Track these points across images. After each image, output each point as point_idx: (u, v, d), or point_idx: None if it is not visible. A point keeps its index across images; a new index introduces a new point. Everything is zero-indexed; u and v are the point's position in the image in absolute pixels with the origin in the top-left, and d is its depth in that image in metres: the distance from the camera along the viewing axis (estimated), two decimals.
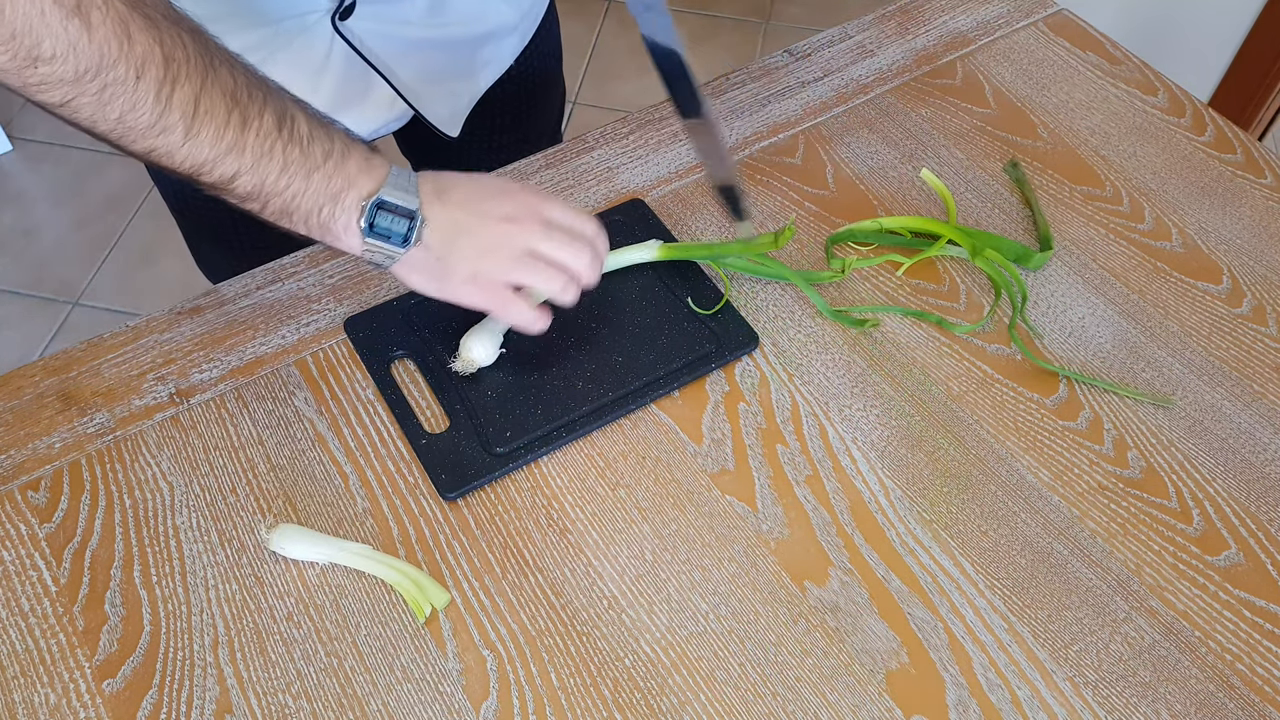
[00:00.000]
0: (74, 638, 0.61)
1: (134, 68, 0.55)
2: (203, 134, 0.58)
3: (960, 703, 0.59)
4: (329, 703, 0.59)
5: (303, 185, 0.62)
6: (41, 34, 0.52)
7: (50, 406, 0.71)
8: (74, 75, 0.54)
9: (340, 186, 0.63)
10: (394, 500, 0.67)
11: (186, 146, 0.58)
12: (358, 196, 0.64)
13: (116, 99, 0.55)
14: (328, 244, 0.65)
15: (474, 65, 0.88)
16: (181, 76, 0.57)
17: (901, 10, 0.99)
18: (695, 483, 0.68)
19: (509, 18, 0.87)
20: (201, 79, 0.57)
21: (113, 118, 0.56)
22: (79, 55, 0.53)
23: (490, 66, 0.90)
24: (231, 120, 0.59)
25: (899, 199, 0.84)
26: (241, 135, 0.59)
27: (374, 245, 0.64)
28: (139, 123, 0.57)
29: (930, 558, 0.64)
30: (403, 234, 0.64)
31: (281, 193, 0.62)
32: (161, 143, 0.58)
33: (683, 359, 0.72)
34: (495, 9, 0.86)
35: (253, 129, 0.60)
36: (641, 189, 0.84)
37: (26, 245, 1.99)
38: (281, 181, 0.61)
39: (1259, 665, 0.61)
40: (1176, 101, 0.91)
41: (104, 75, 0.54)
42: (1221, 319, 0.76)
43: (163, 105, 0.56)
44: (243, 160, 0.60)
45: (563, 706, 0.59)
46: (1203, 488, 0.68)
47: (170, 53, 0.56)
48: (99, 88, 0.55)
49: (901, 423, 0.71)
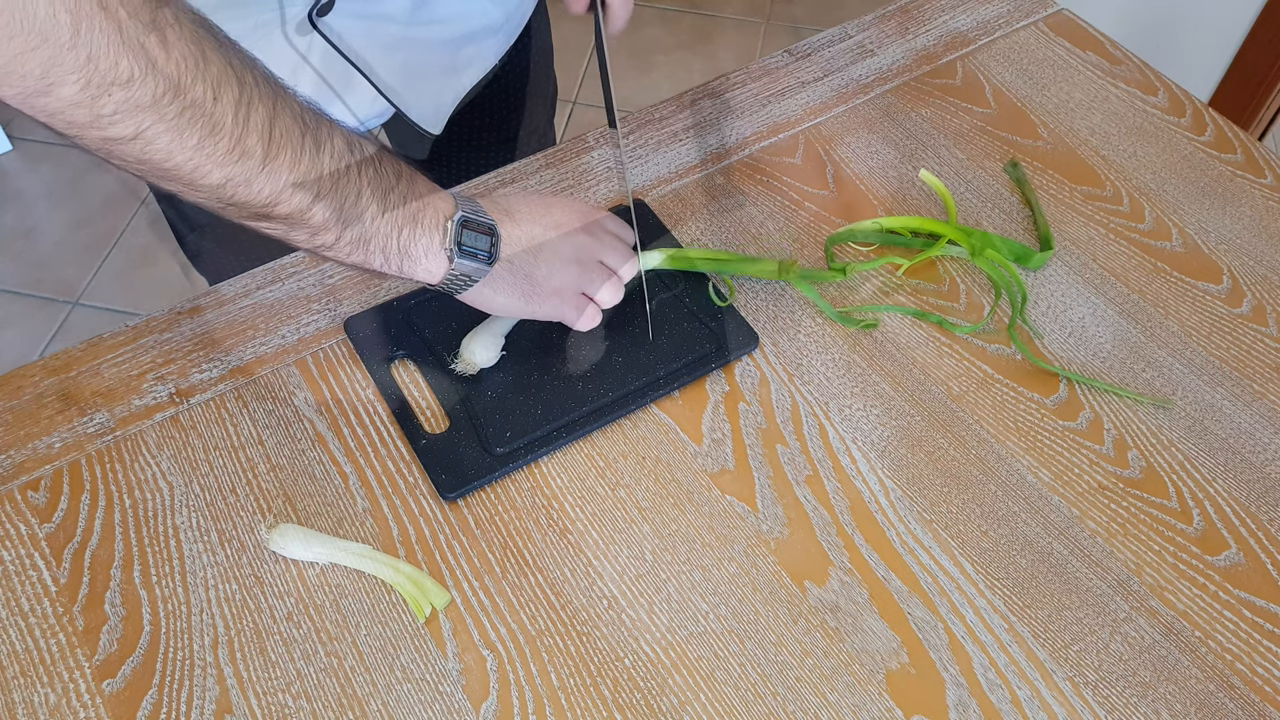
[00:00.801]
0: (74, 638, 0.61)
1: (211, 87, 0.52)
2: (281, 157, 0.56)
3: (960, 703, 0.59)
4: (329, 702, 0.59)
5: (380, 207, 0.60)
6: (119, 53, 0.49)
7: (50, 406, 0.71)
8: (152, 98, 0.51)
9: (417, 208, 0.62)
10: (394, 500, 0.67)
11: (265, 172, 0.56)
12: (436, 215, 0.62)
13: (195, 122, 0.52)
14: (404, 274, 0.63)
15: (456, 64, 0.87)
16: (255, 99, 0.54)
17: (902, 10, 0.99)
18: (695, 483, 0.68)
19: (494, 18, 0.86)
20: (273, 101, 0.55)
21: (191, 145, 0.53)
22: (157, 74, 0.50)
23: (474, 66, 0.89)
24: (306, 143, 0.57)
25: (899, 199, 0.84)
26: (317, 157, 0.57)
27: (463, 265, 0.63)
28: (218, 149, 0.54)
29: (930, 558, 0.64)
30: (487, 251, 0.64)
31: (360, 217, 0.60)
32: (239, 170, 0.55)
33: (683, 359, 0.72)
34: (481, 9, 0.85)
35: (326, 151, 0.57)
36: (641, 189, 0.84)
37: (26, 245, 1.99)
38: (360, 205, 0.59)
39: (1259, 665, 0.61)
40: (1176, 101, 0.91)
41: (183, 96, 0.51)
42: (1222, 319, 0.76)
43: (241, 127, 0.54)
44: (321, 184, 0.57)
45: (562, 706, 0.59)
46: (1203, 488, 0.68)
47: (242, 74, 0.54)
48: (177, 110, 0.52)
49: (901, 423, 0.71)
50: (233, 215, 0.58)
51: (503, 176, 0.85)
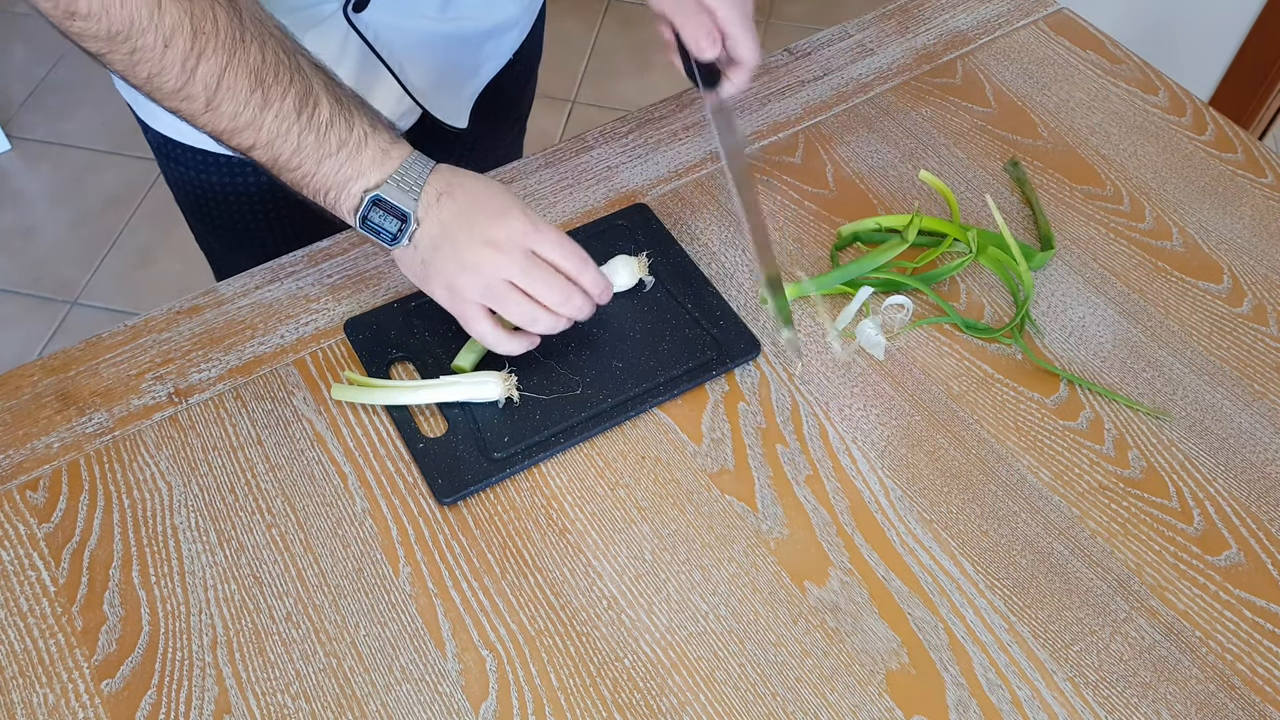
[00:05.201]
0: (73, 638, 0.61)
1: (161, 37, 0.58)
2: (222, 108, 0.62)
3: (960, 703, 0.59)
4: (328, 703, 0.59)
5: (313, 168, 0.65)
6: None
7: (49, 406, 0.71)
8: (106, 34, 0.58)
9: (350, 175, 0.66)
10: (393, 500, 0.66)
11: (206, 115, 0.62)
12: (362, 187, 0.66)
13: (144, 62, 0.59)
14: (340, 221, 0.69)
15: (479, 59, 0.90)
16: (208, 50, 0.60)
17: (901, 9, 0.99)
18: (695, 482, 0.67)
19: (512, 11, 0.88)
20: (229, 55, 0.61)
21: (141, 77, 0.60)
22: (110, 17, 0.57)
23: (492, 60, 0.92)
24: (252, 100, 0.62)
25: (899, 198, 0.84)
26: (260, 114, 0.63)
27: (366, 236, 0.68)
28: (164, 86, 0.61)
29: (930, 558, 0.64)
30: (392, 232, 0.67)
31: (293, 170, 0.65)
32: (184, 107, 0.62)
33: (683, 365, 0.72)
34: (501, 4, 0.87)
35: (272, 109, 0.63)
36: (641, 188, 0.84)
37: (25, 245, 1.99)
38: (294, 161, 0.65)
39: (1259, 665, 0.61)
40: (1177, 101, 0.91)
41: (133, 40, 0.58)
42: (1222, 318, 0.76)
43: (186, 76, 0.60)
44: (258, 136, 0.63)
45: (562, 707, 0.59)
46: (1203, 487, 0.68)
47: (199, 25, 0.59)
48: (129, 50, 0.59)
49: (901, 423, 0.70)
50: None
51: (502, 176, 0.85)
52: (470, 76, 0.90)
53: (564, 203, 0.83)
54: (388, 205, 0.66)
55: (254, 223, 0.89)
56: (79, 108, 2.22)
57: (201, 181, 0.87)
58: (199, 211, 0.91)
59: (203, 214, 0.91)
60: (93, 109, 2.21)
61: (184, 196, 0.91)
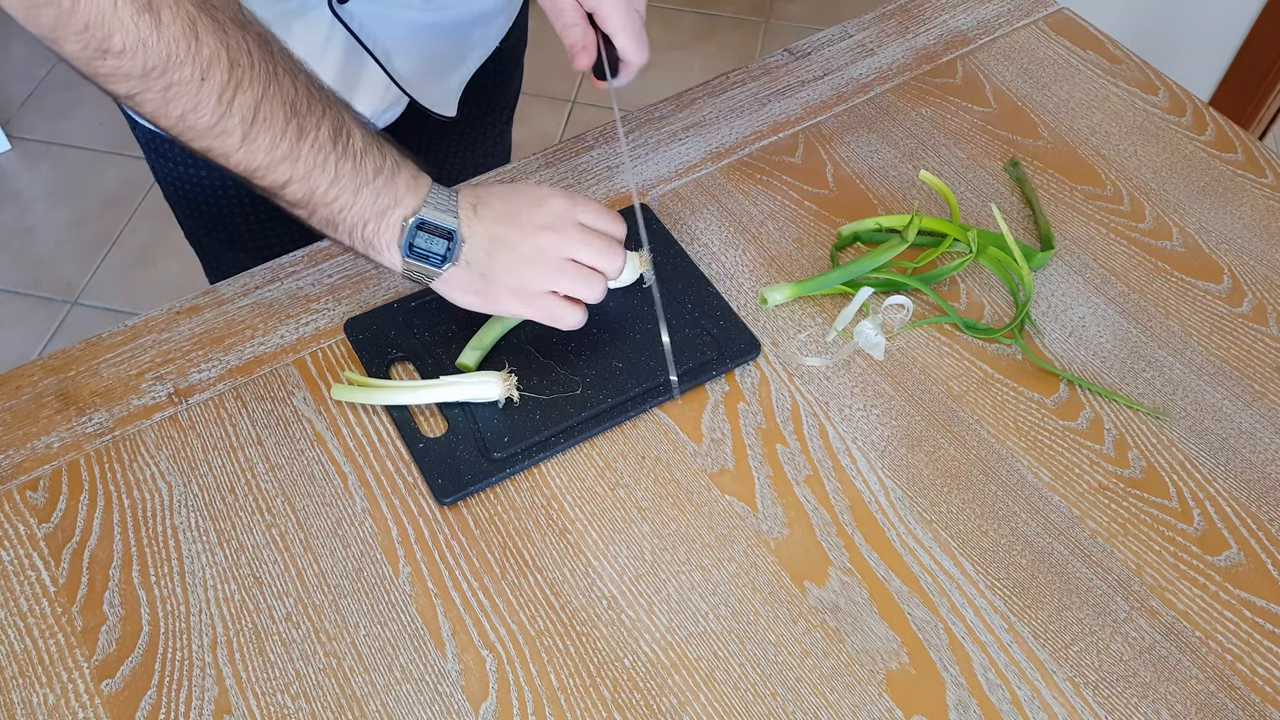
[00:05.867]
0: (72, 638, 0.61)
1: (199, 69, 0.56)
2: (259, 141, 0.59)
3: (960, 703, 0.59)
4: (328, 703, 0.59)
5: (350, 200, 0.63)
6: (113, 27, 0.53)
7: (49, 406, 0.71)
8: (141, 71, 0.55)
9: (387, 204, 0.64)
10: (393, 500, 0.66)
11: (242, 151, 0.60)
12: (401, 215, 0.65)
13: (180, 98, 0.57)
14: (371, 259, 0.66)
15: (465, 47, 0.90)
16: (245, 82, 0.58)
17: (902, 9, 0.99)
18: (695, 483, 0.67)
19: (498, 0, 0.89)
20: (264, 86, 0.59)
21: (174, 115, 0.58)
22: (147, 52, 0.54)
23: (479, 49, 0.92)
24: (289, 130, 0.60)
25: (899, 198, 0.84)
26: (297, 145, 0.61)
27: (414, 265, 0.66)
28: (199, 123, 0.58)
29: (930, 558, 0.64)
30: (441, 254, 0.66)
31: (330, 204, 0.63)
32: (218, 144, 0.59)
33: (684, 366, 0.72)
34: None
35: (308, 140, 0.61)
36: (641, 188, 0.84)
37: (25, 244, 1.99)
38: (331, 193, 0.63)
39: (1260, 665, 0.61)
40: (1177, 101, 0.91)
41: (170, 74, 0.56)
42: (1222, 318, 0.76)
43: (224, 109, 0.58)
44: (295, 169, 0.61)
45: (562, 707, 0.59)
46: (1203, 488, 0.68)
47: (235, 58, 0.57)
48: (164, 85, 0.56)
49: (901, 423, 0.70)
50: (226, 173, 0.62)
51: (502, 175, 0.85)
52: (457, 65, 0.90)
53: None
54: (432, 227, 0.65)
55: (243, 217, 0.89)
56: (79, 107, 2.22)
57: (190, 177, 0.86)
58: (188, 207, 0.91)
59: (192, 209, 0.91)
60: (92, 109, 2.21)
61: (173, 192, 0.91)
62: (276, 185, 0.62)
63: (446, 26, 0.85)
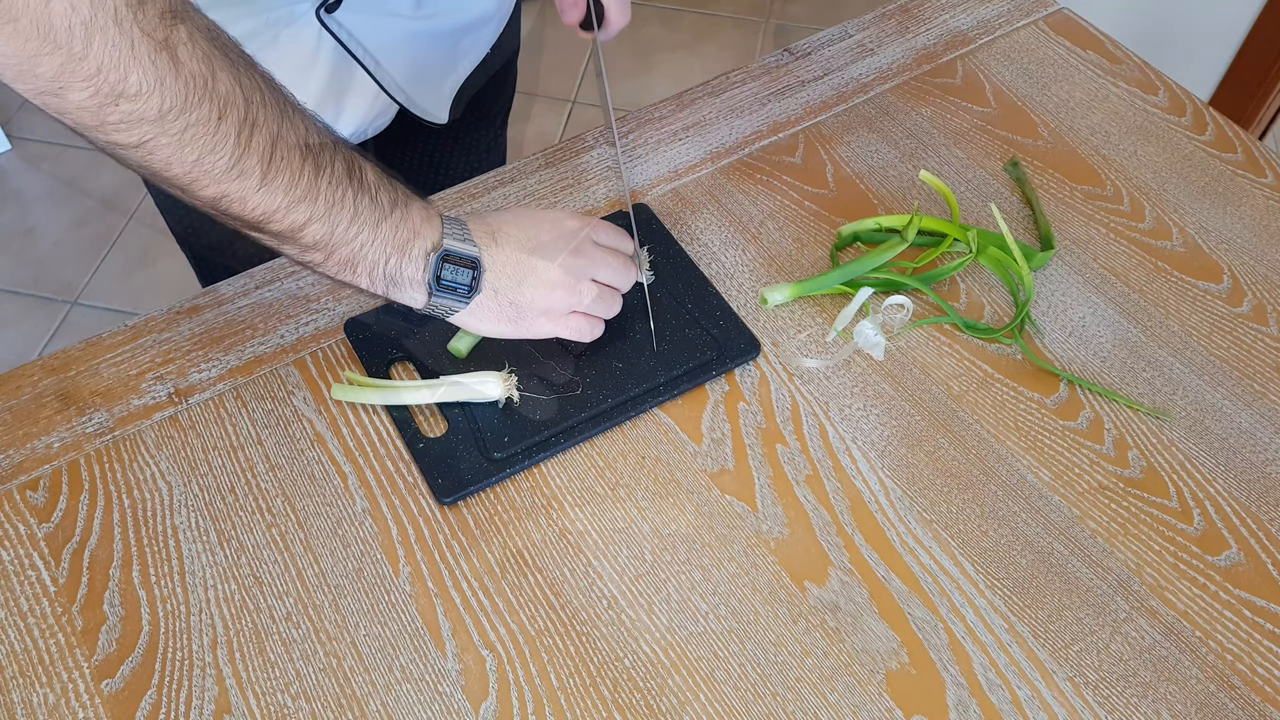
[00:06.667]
0: (73, 638, 0.61)
1: (217, 107, 0.54)
2: (278, 179, 0.57)
3: (960, 703, 0.59)
4: (328, 703, 0.59)
5: (371, 235, 0.61)
6: (129, 68, 0.50)
7: (49, 406, 0.71)
8: (157, 113, 0.52)
9: (407, 237, 0.63)
10: (393, 500, 0.67)
11: (261, 191, 0.57)
12: (424, 248, 0.64)
13: (197, 139, 0.54)
14: (390, 298, 0.65)
15: (455, 54, 0.89)
16: (260, 119, 0.56)
17: (902, 9, 0.99)
18: (695, 482, 0.67)
19: (488, 6, 0.89)
20: (278, 123, 0.56)
21: (190, 160, 0.54)
22: (165, 91, 0.51)
23: (470, 55, 0.91)
24: (306, 166, 0.58)
25: (899, 198, 0.84)
26: (315, 181, 0.58)
27: (441, 299, 0.65)
28: (216, 166, 0.55)
29: (930, 558, 0.64)
30: (467, 285, 0.65)
31: (350, 242, 0.61)
32: (235, 188, 0.56)
33: (684, 366, 0.72)
34: None
35: (325, 175, 0.59)
36: (641, 188, 0.84)
37: (25, 244, 1.99)
38: (351, 230, 0.61)
39: (1259, 665, 0.61)
40: (1177, 101, 0.91)
41: (188, 114, 0.53)
42: (1222, 318, 0.76)
43: (242, 148, 0.55)
44: (315, 207, 0.59)
45: (562, 707, 0.59)
46: (1203, 487, 0.68)
47: (250, 94, 0.55)
48: (181, 127, 0.53)
49: (901, 423, 0.70)
50: (228, 223, 0.59)
51: (502, 176, 0.85)
52: (448, 72, 0.90)
53: (564, 203, 0.83)
54: (457, 258, 0.64)
55: None
56: None
57: None
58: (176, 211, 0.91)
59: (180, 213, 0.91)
60: None
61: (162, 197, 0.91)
62: (295, 226, 0.59)
63: (436, 33, 0.85)
